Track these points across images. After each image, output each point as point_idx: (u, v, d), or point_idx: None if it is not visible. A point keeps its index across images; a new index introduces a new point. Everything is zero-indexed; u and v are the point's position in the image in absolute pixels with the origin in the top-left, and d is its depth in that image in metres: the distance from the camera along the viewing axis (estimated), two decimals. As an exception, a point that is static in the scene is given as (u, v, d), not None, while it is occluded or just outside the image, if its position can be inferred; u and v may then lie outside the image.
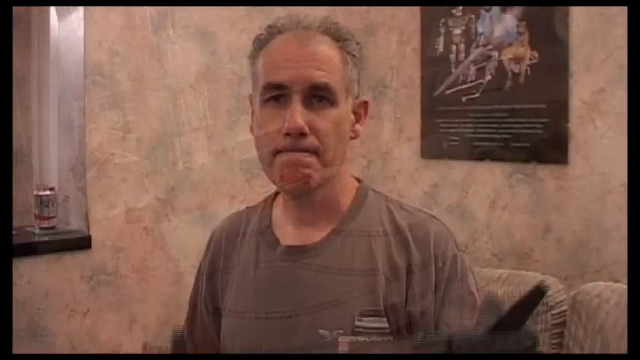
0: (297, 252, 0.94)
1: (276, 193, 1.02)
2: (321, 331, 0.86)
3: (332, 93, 0.88)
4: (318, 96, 0.88)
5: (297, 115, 0.85)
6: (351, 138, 0.94)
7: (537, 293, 0.64)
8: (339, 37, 0.92)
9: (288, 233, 0.97)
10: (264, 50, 0.92)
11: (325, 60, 0.89)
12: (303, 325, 0.89)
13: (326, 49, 0.90)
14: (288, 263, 0.94)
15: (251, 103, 0.96)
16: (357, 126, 0.96)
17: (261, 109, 0.91)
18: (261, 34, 0.94)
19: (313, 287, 0.91)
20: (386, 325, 0.85)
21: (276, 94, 0.88)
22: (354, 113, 0.95)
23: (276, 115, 0.88)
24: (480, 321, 0.69)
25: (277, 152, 0.88)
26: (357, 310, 0.87)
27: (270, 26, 0.94)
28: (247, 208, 1.06)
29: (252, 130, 0.96)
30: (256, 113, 0.93)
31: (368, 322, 0.86)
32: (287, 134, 0.86)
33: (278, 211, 1.00)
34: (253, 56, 0.94)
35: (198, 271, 1.07)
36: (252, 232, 1.00)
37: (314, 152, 0.87)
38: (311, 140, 0.87)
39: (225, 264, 1.01)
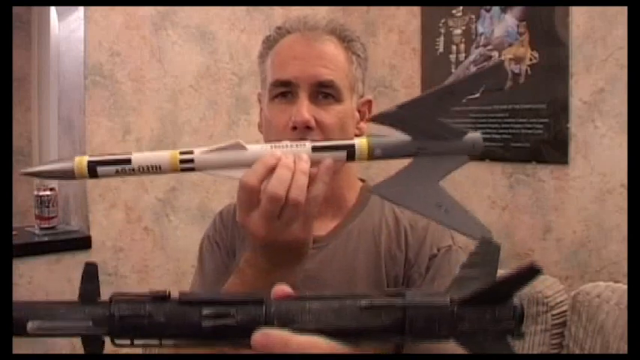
0: None
1: None
2: None
3: (337, 90, 0.91)
4: (324, 92, 0.91)
5: (304, 109, 0.88)
6: (356, 135, 0.97)
7: (531, 271, 0.50)
8: (344, 38, 0.96)
9: None
10: (273, 50, 0.96)
11: (331, 58, 0.92)
12: None
13: (332, 48, 0.93)
14: None
15: (260, 101, 0.99)
16: (362, 124, 1.00)
17: (269, 106, 0.94)
18: (270, 35, 0.97)
19: (317, 279, 0.93)
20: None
21: (283, 91, 0.91)
22: (359, 112, 0.99)
23: (283, 110, 0.91)
24: (460, 280, 0.55)
25: None
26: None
27: (279, 27, 0.97)
28: None
29: (260, 127, 0.99)
30: (264, 110, 0.96)
31: None
32: (294, 128, 0.88)
33: None
34: (262, 56, 0.98)
35: (207, 237, 1.07)
36: None
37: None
38: (316, 136, 0.89)
39: (232, 243, 1.03)
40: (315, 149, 0.70)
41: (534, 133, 2.20)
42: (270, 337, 0.50)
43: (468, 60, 2.39)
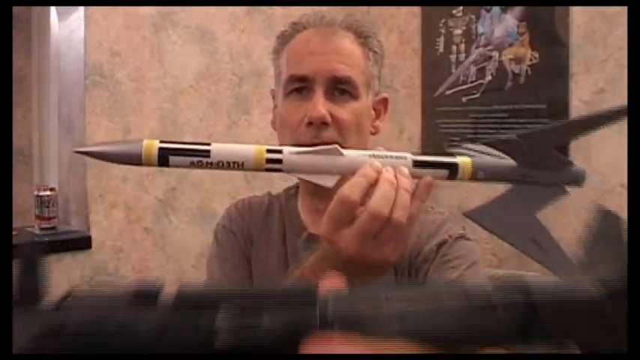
0: (319, 240, 0.95)
1: (297, 186, 1.03)
2: None
3: (353, 86, 0.89)
4: (340, 89, 0.89)
5: (320, 104, 0.86)
6: (372, 134, 0.96)
7: None
8: (361, 34, 0.94)
9: (309, 224, 0.99)
10: (288, 45, 0.94)
11: (348, 54, 0.90)
12: None
13: (348, 43, 0.92)
14: (309, 251, 0.95)
15: (273, 97, 0.98)
16: (377, 122, 0.98)
17: (283, 102, 0.92)
18: (285, 31, 0.96)
19: None
20: None
21: (299, 87, 0.89)
22: (374, 109, 0.97)
23: (298, 106, 0.89)
24: (587, 255, 0.41)
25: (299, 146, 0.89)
26: None
27: (294, 23, 0.95)
28: (269, 193, 1.07)
29: (273, 124, 0.97)
30: (279, 106, 0.94)
31: None
32: (309, 124, 0.86)
33: (299, 201, 1.02)
34: (277, 51, 0.96)
35: (222, 227, 1.04)
36: (278, 216, 1.02)
37: None
38: (331, 133, 0.87)
39: (249, 233, 1.02)
40: (416, 164, 0.66)
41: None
42: (332, 345, 0.33)
43: (468, 60, 2.40)
